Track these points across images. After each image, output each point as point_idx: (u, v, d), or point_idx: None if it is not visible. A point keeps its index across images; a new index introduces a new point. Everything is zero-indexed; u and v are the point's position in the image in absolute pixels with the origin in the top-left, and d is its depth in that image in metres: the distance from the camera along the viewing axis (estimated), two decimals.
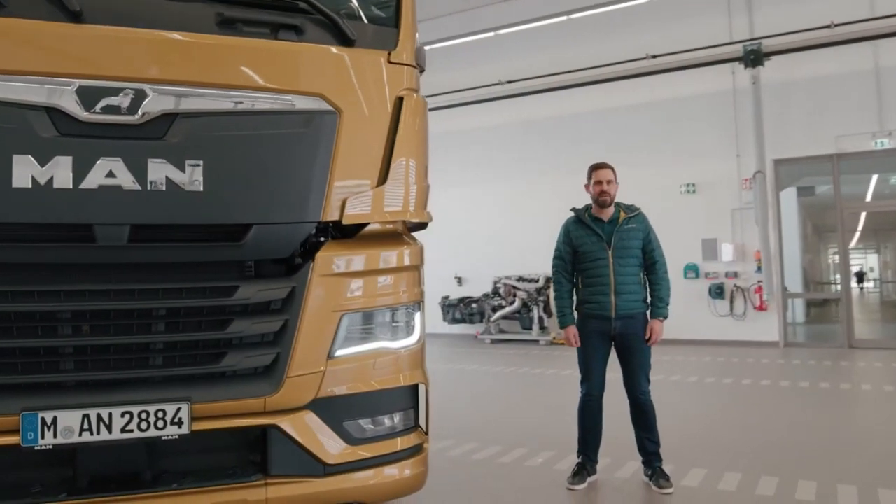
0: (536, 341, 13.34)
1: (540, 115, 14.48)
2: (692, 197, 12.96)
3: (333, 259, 2.85)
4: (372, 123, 2.94)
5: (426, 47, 3.41)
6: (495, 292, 14.20)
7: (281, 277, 2.80)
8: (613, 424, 4.63)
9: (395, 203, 2.98)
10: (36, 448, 2.42)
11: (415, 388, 3.06)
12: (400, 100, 3.01)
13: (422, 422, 3.11)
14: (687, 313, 11.71)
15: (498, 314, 13.93)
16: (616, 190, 4.43)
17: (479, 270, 14.72)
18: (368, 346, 2.92)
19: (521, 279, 13.88)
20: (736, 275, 12.53)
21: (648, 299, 4.45)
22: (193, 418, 2.59)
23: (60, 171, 2.49)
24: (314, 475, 2.76)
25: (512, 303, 13.82)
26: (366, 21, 3.05)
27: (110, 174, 2.54)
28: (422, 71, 3.22)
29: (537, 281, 13.55)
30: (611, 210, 4.42)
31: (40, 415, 2.43)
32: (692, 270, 12.77)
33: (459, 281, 15.17)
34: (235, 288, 2.71)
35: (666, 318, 4.36)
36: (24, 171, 2.44)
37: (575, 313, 4.42)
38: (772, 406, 6.94)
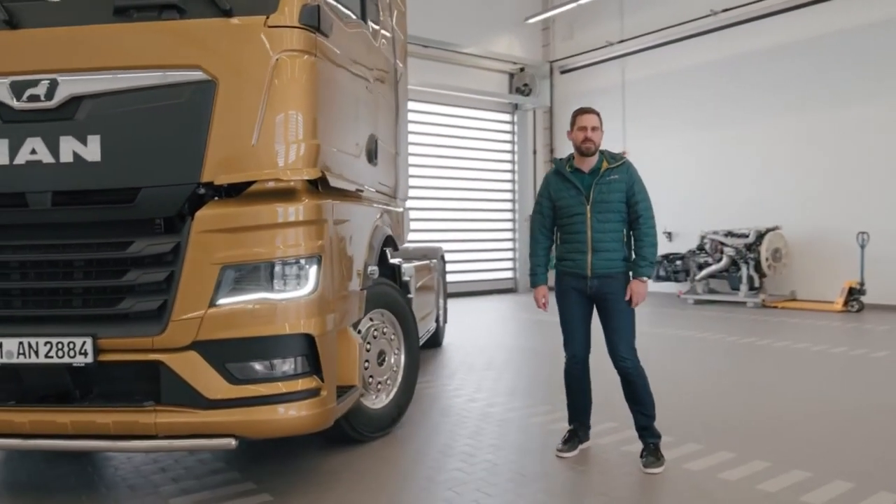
0: (744, 303, 12.05)
1: (755, 47, 12.77)
2: None
3: (212, 217, 3.15)
4: (250, 88, 3.15)
5: None
6: (701, 248, 13.08)
7: (167, 235, 3.18)
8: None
9: (269, 162, 3.17)
10: None
11: (306, 336, 3.25)
12: (278, 63, 3.15)
13: (322, 366, 3.29)
14: None
15: (704, 272, 12.83)
16: (601, 137, 3.95)
17: (691, 225, 13.63)
18: (249, 296, 3.18)
19: (729, 234, 12.58)
20: None
21: (632, 258, 3.97)
22: (100, 350, 3.13)
23: (5, 149, 3.15)
24: (197, 407, 3.13)
25: (719, 260, 12.61)
26: None
27: (33, 151, 3.15)
28: (319, 30, 3.29)
29: (747, 236, 12.16)
30: (593, 160, 3.94)
31: None
32: None
33: (669, 236, 14.19)
34: (130, 243, 3.17)
35: (649, 277, 3.84)
36: None
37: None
38: None
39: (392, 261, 4.95)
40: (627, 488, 3.61)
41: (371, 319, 4.40)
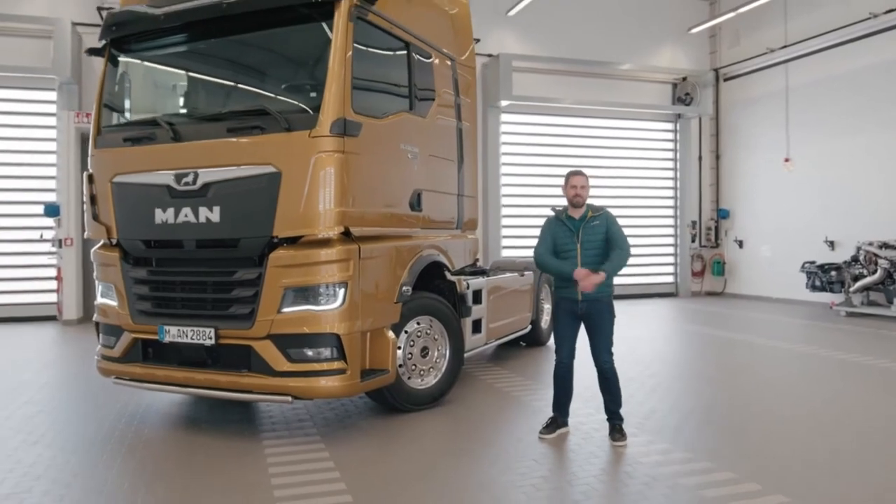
0: None
1: None
2: None
3: (280, 257, 5.02)
4: (300, 176, 4.95)
5: None
6: (855, 259, 12.69)
7: (255, 266, 5.11)
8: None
9: (312, 223, 4.95)
10: (162, 340, 5.34)
11: (336, 335, 5.00)
12: (316, 160, 4.92)
13: (347, 355, 5.02)
14: None
15: (858, 284, 12.48)
16: (587, 193, 5.19)
17: (855, 234, 13.21)
18: (301, 308, 5.01)
19: (885, 245, 12.13)
20: None
21: (612, 285, 5.14)
22: (219, 337, 5.16)
23: (171, 214, 5.33)
24: (268, 374, 5.04)
25: (874, 272, 12.23)
26: (303, 108, 5.03)
27: (186, 215, 5.27)
28: (349, 135, 5.00)
29: None
30: (582, 210, 5.20)
31: (165, 327, 5.33)
32: None
33: (832, 245, 13.84)
34: (235, 272, 5.16)
35: (605, 275, 4.94)
36: (160, 214, 5.35)
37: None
38: None
39: (450, 278, 6.54)
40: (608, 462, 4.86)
41: (418, 323, 6.02)
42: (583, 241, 5.11)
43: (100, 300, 5.90)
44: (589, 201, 5.25)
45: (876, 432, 5.39)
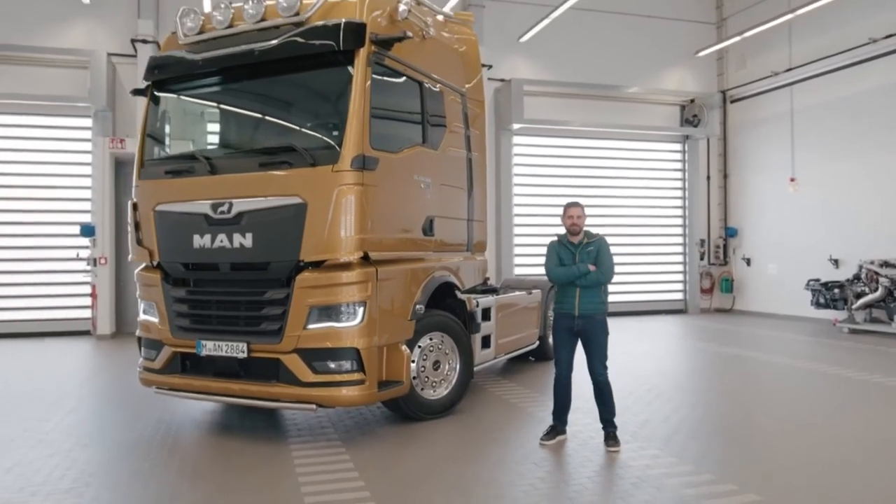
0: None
1: None
2: None
3: (306, 279, 5.58)
4: (324, 206, 5.52)
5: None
6: (857, 277, 13.06)
7: (283, 287, 5.68)
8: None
9: (334, 248, 5.52)
10: (199, 354, 5.92)
11: (355, 349, 5.54)
12: (338, 192, 5.50)
13: (366, 367, 5.57)
14: None
15: (860, 302, 12.84)
16: (583, 221, 5.73)
17: (858, 252, 13.57)
18: (324, 324, 5.57)
19: (885, 264, 12.50)
20: None
21: (606, 303, 5.67)
22: (251, 350, 5.73)
23: (207, 240, 5.92)
24: (295, 384, 5.59)
25: (875, 289, 12.59)
26: (326, 145, 5.63)
27: (221, 240, 5.86)
28: (367, 169, 5.58)
29: None
30: (579, 236, 5.74)
31: (202, 341, 5.92)
32: None
33: (836, 263, 14.21)
34: (265, 292, 5.73)
35: (582, 273, 5.55)
36: (198, 240, 5.95)
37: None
38: None
39: (460, 297, 7.08)
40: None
41: (430, 339, 6.56)
42: (580, 261, 5.65)
43: (142, 317, 6.50)
44: (599, 222, 5.80)
45: (855, 442, 5.82)
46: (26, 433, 6.11)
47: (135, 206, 6.49)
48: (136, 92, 6.83)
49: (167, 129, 6.76)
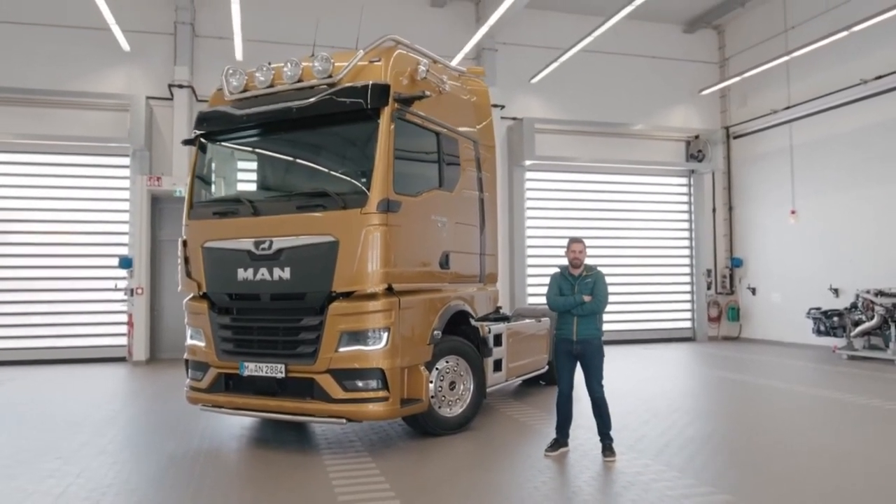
0: (892, 361, 12.51)
1: None
2: None
3: (337, 308, 6.36)
4: (353, 244, 6.32)
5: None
6: (854, 306, 13.63)
7: (318, 315, 6.45)
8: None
9: (362, 281, 6.30)
10: (242, 374, 6.69)
11: (381, 370, 6.28)
12: (366, 231, 6.29)
13: (390, 386, 6.30)
14: None
15: (858, 329, 13.40)
16: (584, 256, 6.47)
17: (857, 282, 14.15)
18: (353, 348, 6.32)
19: (880, 293, 13.07)
20: None
21: (601, 330, 6.39)
22: (288, 371, 6.49)
23: (250, 273, 6.73)
24: (327, 401, 6.33)
25: (871, 318, 13.15)
26: (355, 190, 6.43)
27: (262, 273, 6.66)
28: (391, 211, 6.37)
29: (895, 295, 12.64)
30: (579, 269, 6.48)
31: (244, 363, 6.69)
32: None
33: (836, 292, 14.76)
34: (301, 319, 6.51)
35: (578, 303, 6.24)
36: (241, 273, 6.76)
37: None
38: None
39: (474, 323, 7.82)
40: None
41: (447, 361, 7.28)
42: (578, 291, 6.37)
43: (189, 342, 7.29)
44: (610, 253, 6.53)
45: (839, 462, 6.44)
46: (87, 446, 6.87)
47: (185, 243, 7.31)
48: (187, 142, 7.72)
49: (214, 175, 7.62)
